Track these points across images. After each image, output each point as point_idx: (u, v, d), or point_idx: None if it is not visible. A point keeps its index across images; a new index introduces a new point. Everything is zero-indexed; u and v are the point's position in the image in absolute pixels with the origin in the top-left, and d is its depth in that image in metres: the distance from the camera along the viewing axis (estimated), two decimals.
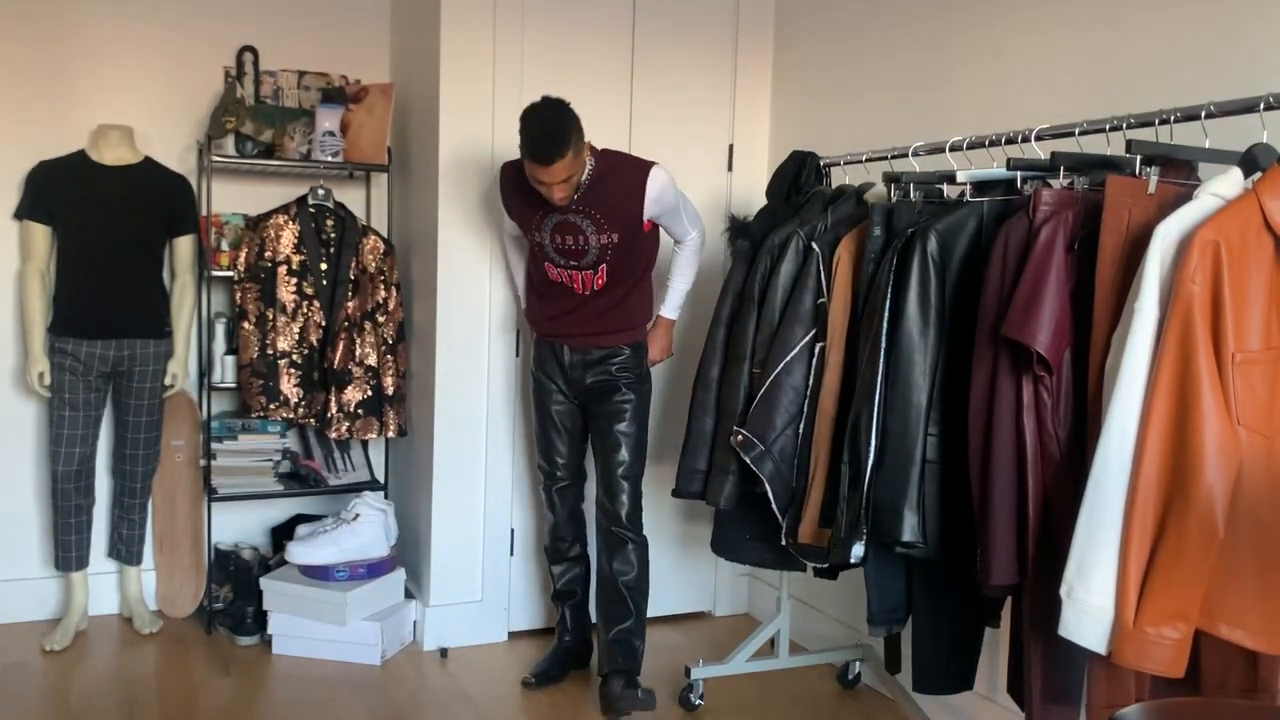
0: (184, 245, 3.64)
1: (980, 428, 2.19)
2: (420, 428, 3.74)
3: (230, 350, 3.70)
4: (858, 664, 3.38)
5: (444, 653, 3.59)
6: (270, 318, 3.62)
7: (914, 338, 2.36)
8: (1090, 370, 2.05)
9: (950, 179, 2.57)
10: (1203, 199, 1.90)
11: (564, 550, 3.37)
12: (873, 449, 2.41)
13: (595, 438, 3.20)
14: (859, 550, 2.47)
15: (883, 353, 2.41)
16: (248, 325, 3.61)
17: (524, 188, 3.00)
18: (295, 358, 3.65)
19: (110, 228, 3.46)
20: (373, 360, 3.69)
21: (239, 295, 3.61)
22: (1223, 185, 1.90)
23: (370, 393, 3.68)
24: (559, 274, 3.09)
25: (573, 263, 3.05)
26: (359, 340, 3.67)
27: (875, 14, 3.42)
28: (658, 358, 3.27)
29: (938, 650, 2.53)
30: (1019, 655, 2.30)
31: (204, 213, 3.68)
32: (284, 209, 3.68)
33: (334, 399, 3.64)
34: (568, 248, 3.03)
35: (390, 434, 3.73)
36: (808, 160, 3.13)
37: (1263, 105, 2.00)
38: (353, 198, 4.02)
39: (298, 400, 3.65)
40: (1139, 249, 1.96)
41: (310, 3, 3.93)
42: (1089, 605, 1.90)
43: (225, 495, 3.67)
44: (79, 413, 3.48)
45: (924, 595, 2.54)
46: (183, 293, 3.66)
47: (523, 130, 2.80)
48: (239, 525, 3.97)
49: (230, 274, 3.68)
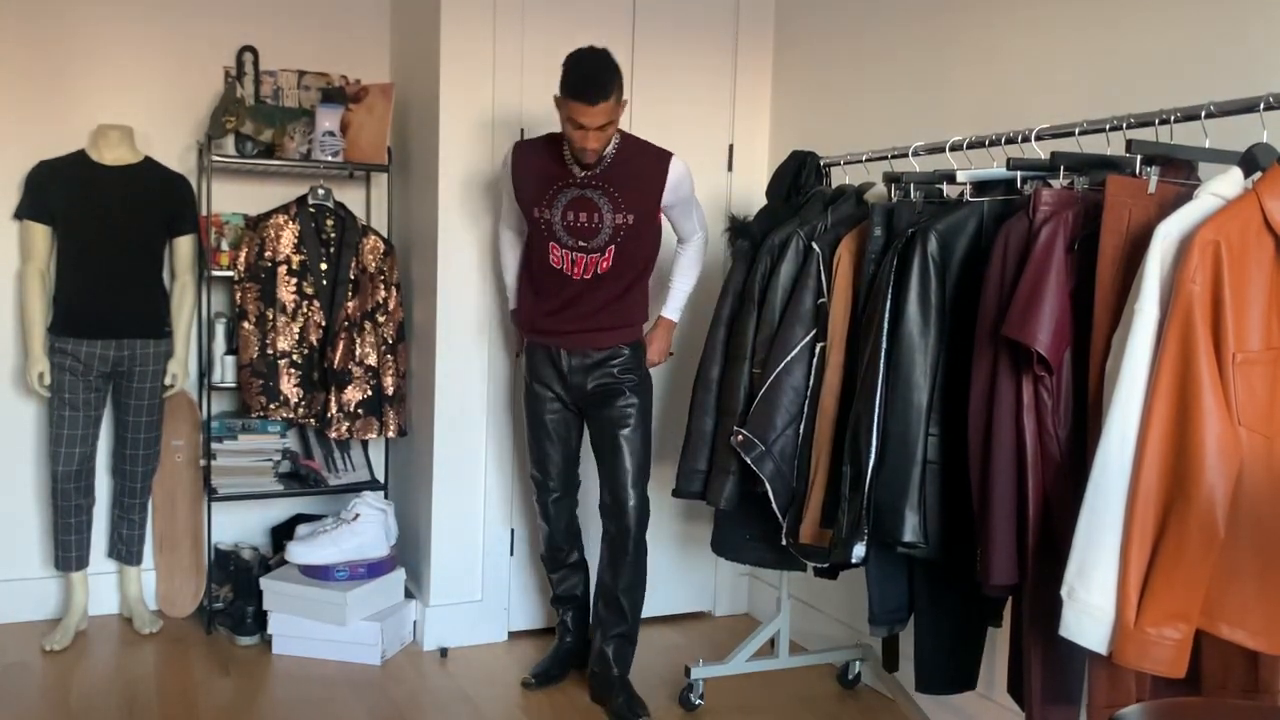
0: (184, 245, 3.64)
1: (980, 428, 2.19)
2: (420, 428, 3.74)
3: (230, 350, 3.70)
4: (858, 664, 3.38)
5: (444, 653, 3.59)
6: (270, 318, 3.62)
7: (914, 338, 2.36)
8: (1090, 370, 2.05)
9: (950, 179, 2.57)
10: (1203, 199, 1.90)
11: (562, 558, 3.34)
12: (873, 449, 2.41)
13: (599, 444, 3.14)
14: (860, 550, 2.47)
15: (883, 353, 2.41)
16: (248, 325, 3.61)
17: (538, 164, 3.00)
18: (295, 358, 3.65)
19: (110, 228, 3.46)
20: (373, 360, 3.69)
21: (239, 295, 3.61)
22: (1223, 185, 1.90)
23: (370, 393, 3.68)
24: (561, 257, 3.02)
25: (581, 243, 3.00)
26: (359, 340, 3.67)
27: (875, 14, 3.42)
28: (655, 360, 3.24)
29: (938, 650, 2.53)
30: (1019, 655, 2.30)
31: (204, 213, 3.67)
32: (284, 209, 3.68)
33: (334, 399, 3.64)
34: (580, 225, 2.98)
35: (390, 434, 3.73)
36: (808, 160, 3.13)
37: (1263, 105, 2.00)
38: (353, 198, 4.02)
39: (298, 400, 3.65)
40: (1139, 249, 1.96)
41: (310, 3, 3.93)
42: (1090, 605, 1.90)
43: (225, 495, 3.67)
44: (79, 413, 3.48)
45: (925, 595, 2.54)
46: (183, 293, 3.66)
47: (571, 70, 2.77)
48: (239, 525, 3.97)
49: (230, 274, 3.68)
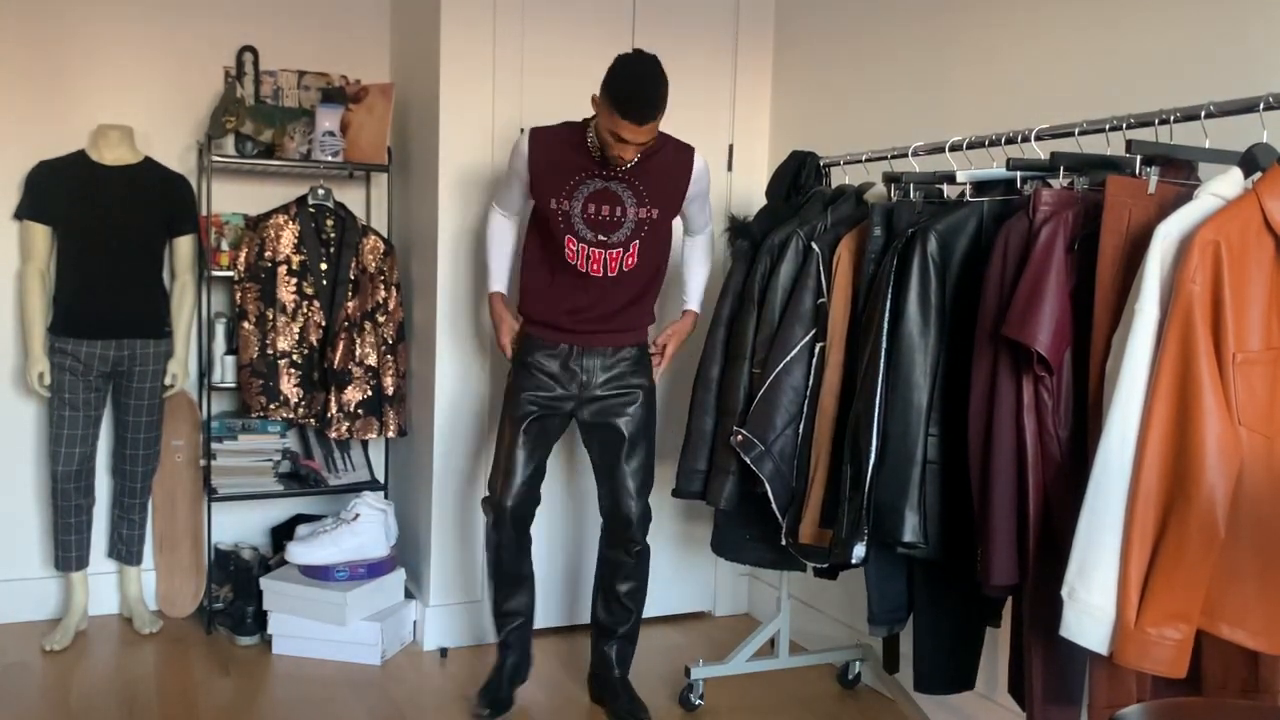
0: (184, 245, 3.64)
1: (981, 428, 2.19)
2: (420, 428, 3.74)
3: (230, 350, 3.70)
4: (858, 664, 3.38)
5: (444, 653, 3.59)
6: (270, 318, 3.62)
7: (914, 338, 2.36)
8: (1091, 370, 2.05)
9: (950, 179, 2.57)
10: (1203, 199, 1.90)
11: (522, 575, 3.12)
12: (873, 449, 2.41)
13: (602, 448, 3.03)
14: (860, 550, 2.47)
15: (883, 353, 2.41)
16: (248, 325, 3.61)
17: (558, 153, 2.86)
18: (295, 358, 3.65)
19: (110, 228, 3.46)
20: (373, 360, 3.69)
21: (239, 295, 3.61)
22: (1223, 185, 1.90)
23: (370, 393, 3.68)
24: (579, 251, 2.87)
25: (601, 237, 2.87)
26: (359, 340, 3.67)
27: (875, 14, 3.42)
28: (674, 349, 3.13)
29: (938, 650, 2.53)
30: (1019, 655, 2.30)
31: (204, 213, 3.67)
32: (284, 209, 3.67)
33: (334, 399, 3.64)
34: (601, 219, 2.86)
35: (390, 434, 3.73)
36: (808, 160, 3.13)
37: (1263, 105, 2.00)
38: (353, 198, 4.02)
39: (298, 400, 3.65)
40: (1139, 249, 1.96)
41: (310, 3, 3.93)
42: (1090, 606, 1.90)
43: (225, 495, 3.67)
44: (79, 413, 3.48)
45: (924, 595, 2.54)
46: (183, 293, 3.66)
47: (624, 84, 2.63)
48: (239, 525, 3.97)
49: (230, 274, 3.68)
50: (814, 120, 3.72)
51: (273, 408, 3.62)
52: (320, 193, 3.68)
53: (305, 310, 3.66)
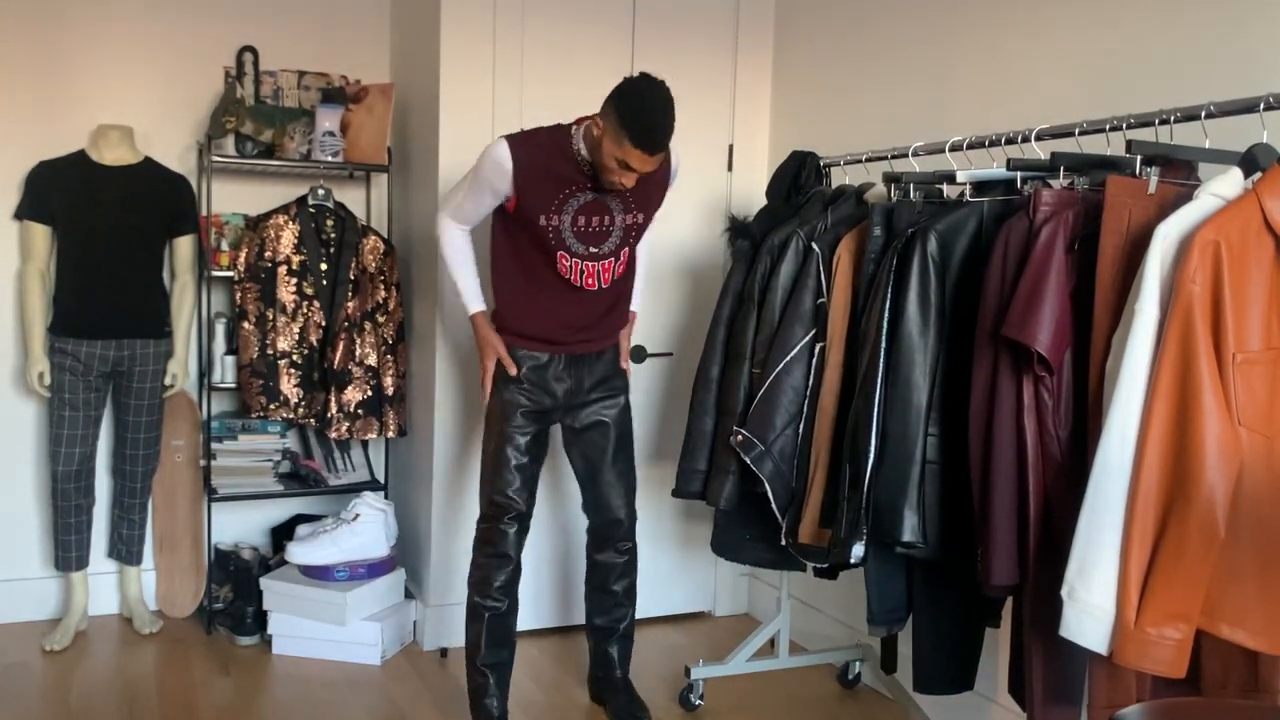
0: (184, 245, 3.64)
1: (981, 428, 2.19)
2: (420, 428, 3.74)
3: (230, 350, 3.70)
4: (858, 664, 3.38)
5: (444, 653, 3.59)
6: (270, 318, 3.62)
7: (914, 338, 2.36)
8: (1091, 371, 2.05)
9: (950, 179, 2.57)
10: (1203, 199, 1.90)
11: (513, 594, 2.95)
12: (873, 449, 2.41)
13: (590, 450, 2.99)
14: (859, 550, 2.47)
15: (883, 353, 2.41)
16: (248, 325, 3.61)
17: (547, 167, 2.70)
18: (295, 358, 3.65)
19: (110, 228, 3.46)
20: (373, 360, 3.69)
21: (239, 295, 3.61)
22: (1223, 185, 1.90)
23: (370, 393, 3.68)
24: (571, 266, 2.79)
25: (593, 249, 2.79)
26: (359, 340, 3.67)
27: (875, 14, 3.42)
28: (627, 359, 3.09)
29: (938, 650, 2.53)
30: (1019, 655, 2.30)
31: (204, 213, 3.68)
32: (284, 209, 3.67)
33: (334, 399, 3.64)
34: (591, 231, 2.77)
35: (390, 434, 3.73)
36: (808, 160, 3.13)
37: (1263, 105, 2.00)
38: (353, 198, 4.02)
39: (298, 400, 3.65)
40: (1139, 249, 1.96)
41: (310, 3, 3.93)
42: (1090, 605, 1.90)
43: (225, 495, 3.67)
44: (79, 413, 3.48)
45: (924, 595, 2.54)
46: (183, 293, 3.66)
47: (640, 114, 2.51)
48: (239, 525, 3.97)
49: (230, 274, 3.68)
50: (814, 120, 3.72)
51: (273, 408, 3.62)
52: (320, 193, 3.68)
53: (305, 310, 3.66)
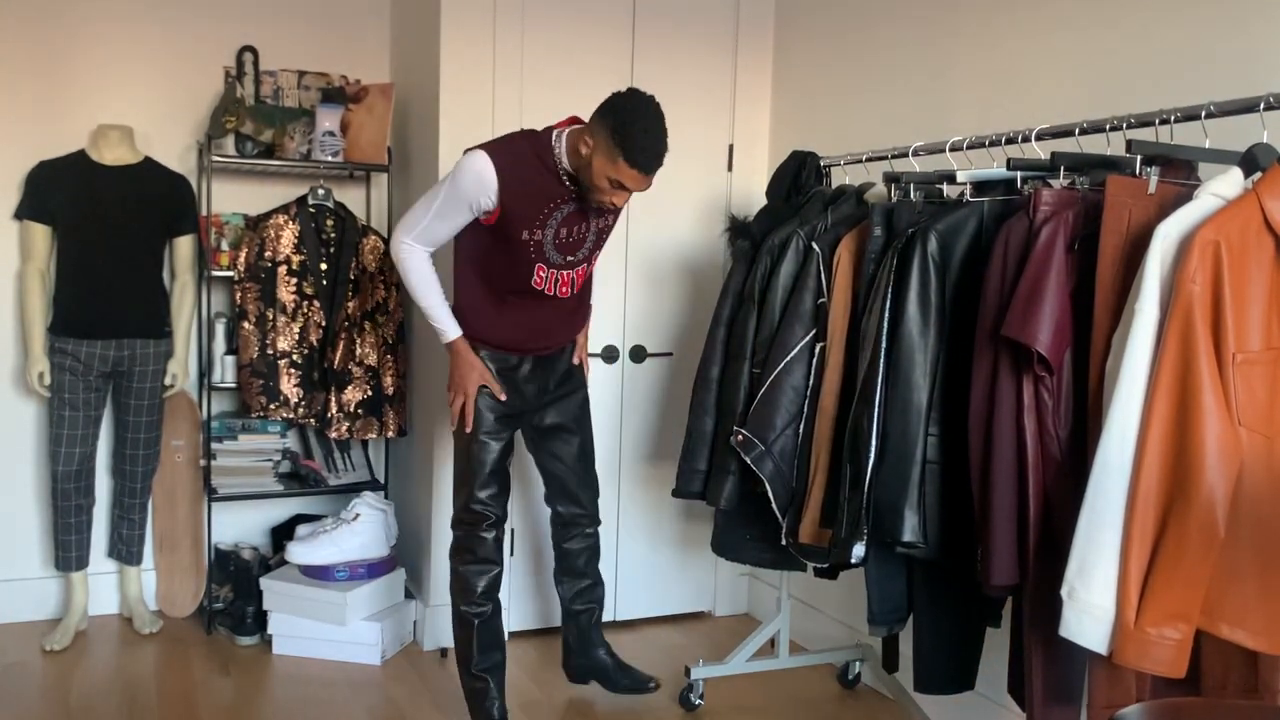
0: (184, 245, 3.64)
1: (981, 428, 2.19)
2: (420, 428, 3.74)
3: (230, 350, 3.70)
4: (858, 664, 3.38)
5: (444, 653, 3.59)
6: (270, 318, 3.62)
7: (914, 338, 2.36)
8: (1091, 371, 2.05)
9: (950, 179, 2.57)
10: (1203, 199, 1.90)
11: (496, 596, 2.94)
12: (873, 449, 2.41)
13: (556, 443, 3.00)
14: (859, 550, 2.47)
15: (883, 353, 2.41)
16: (248, 325, 3.61)
17: (530, 182, 2.63)
18: (295, 358, 3.65)
19: (110, 228, 3.46)
20: (373, 360, 3.69)
21: (239, 295, 3.61)
22: (1223, 185, 1.90)
23: (370, 393, 3.68)
24: (546, 277, 2.77)
25: (569, 258, 2.78)
26: (359, 340, 3.67)
27: (875, 14, 3.42)
28: (588, 363, 3.12)
29: (938, 650, 2.53)
30: (1019, 655, 2.30)
31: (204, 213, 3.68)
32: (284, 209, 3.68)
33: (334, 399, 3.64)
34: (570, 240, 2.75)
35: (390, 434, 3.73)
36: (808, 160, 3.13)
37: (1263, 105, 2.00)
38: (353, 198, 4.02)
39: (298, 400, 3.65)
40: (1139, 249, 1.96)
41: (310, 3, 3.93)
42: (1090, 605, 1.90)
43: (225, 495, 3.67)
44: (79, 413, 3.48)
45: (924, 595, 2.54)
46: (183, 293, 3.66)
47: (638, 135, 2.46)
48: (239, 525, 3.97)
49: (230, 274, 3.68)
50: (814, 120, 3.72)
51: (273, 408, 3.62)
52: (320, 193, 3.68)
53: (305, 310, 3.66)
